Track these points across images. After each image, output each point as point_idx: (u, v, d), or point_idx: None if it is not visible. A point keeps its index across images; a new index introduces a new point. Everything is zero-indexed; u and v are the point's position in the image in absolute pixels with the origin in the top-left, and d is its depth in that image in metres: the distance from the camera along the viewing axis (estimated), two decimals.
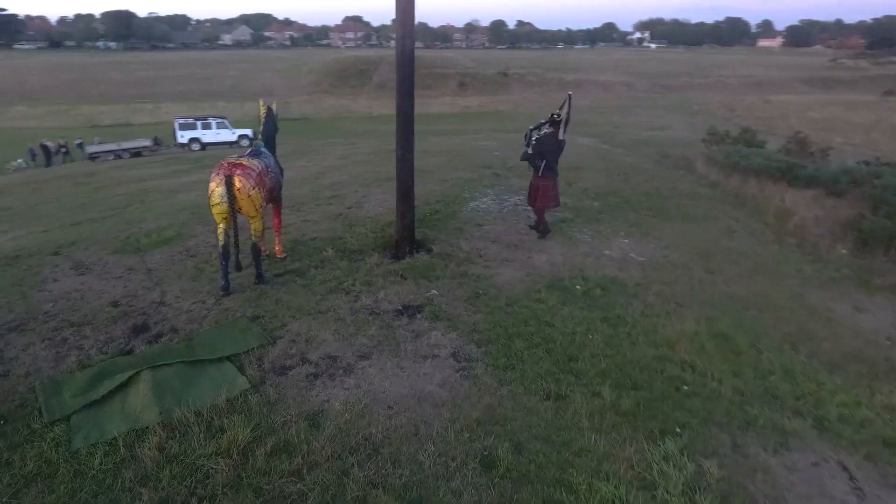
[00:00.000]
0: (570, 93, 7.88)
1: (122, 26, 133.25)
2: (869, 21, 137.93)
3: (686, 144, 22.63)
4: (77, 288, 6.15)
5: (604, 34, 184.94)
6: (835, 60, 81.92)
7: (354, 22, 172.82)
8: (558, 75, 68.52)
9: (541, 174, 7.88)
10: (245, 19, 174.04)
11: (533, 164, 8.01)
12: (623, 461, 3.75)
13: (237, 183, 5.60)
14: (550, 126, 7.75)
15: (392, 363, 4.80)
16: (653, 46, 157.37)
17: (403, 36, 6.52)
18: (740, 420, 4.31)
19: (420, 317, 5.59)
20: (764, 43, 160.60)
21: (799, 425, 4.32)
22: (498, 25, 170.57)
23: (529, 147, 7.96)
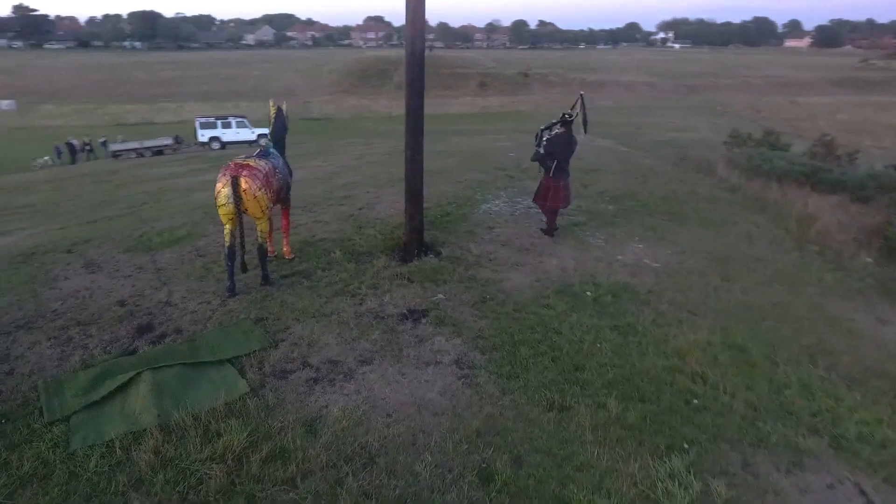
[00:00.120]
0: (582, 92, 7.80)
1: (149, 26, 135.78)
2: None
3: (708, 146, 22.21)
4: (87, 286, 6.20)
5: (627, 34, 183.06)
6: (865, 61, 79.79)
7: (376, 22, 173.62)
8: (580, 75, 67.97)
9: (552, 175, 7.75)
10: (268, 19, 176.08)
11: (544, 165, 7.88)
12: (626, 478, 3.61)
13: (243, 184, 5.58)
14: (562, 126, 7.62)
15: (393, 369, 4.72)
16: (677, 47, 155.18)
17: (414, 36, 6.45)
18: (752, 437, 4.13)
19: (425, 321, 5.50)
20: (791, 43, 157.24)
21: (814, 444, 4.12)
22: (519, 25, 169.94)
23: (540, 147, 7.84)
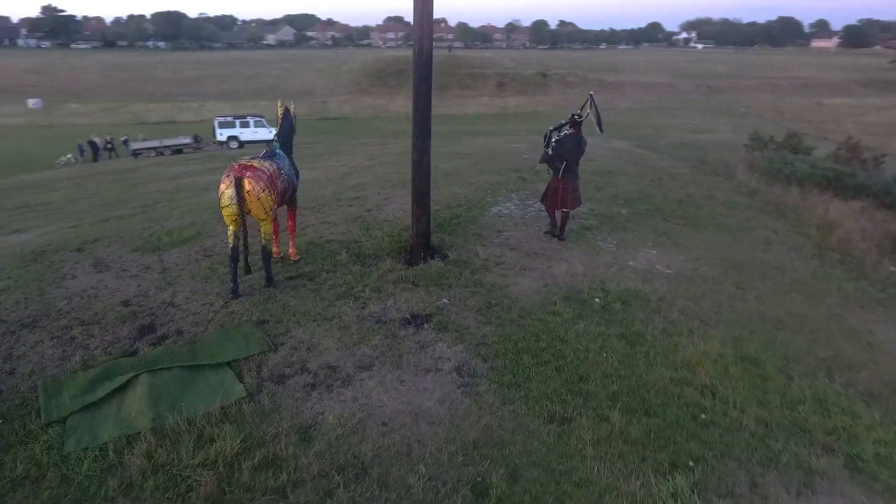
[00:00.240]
0: (592, 92, 7.68)
1: (172, 27, 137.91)
2: None
3: (728, 148, 21.75)
4: (93, 286, 6.22)
5: (648, 34, 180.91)
6: (895, 62, 77.58)
7: (395, 22, 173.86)
8: (599, 76, 67.34)
9: (560, 176, 7.61)
10: (289, 20, 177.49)
11: (552, 166, 7.74)
12: (626, 496, 3.48)
13: (247, 185, 5.55)
14: (571, 127, 7.48)
15: (392, 376, 4.64)
16: (699, 47, 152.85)
17: (422, 37, 6.36)
18: (762, 455, 3.95)
19: (427, 327, 5.41)
20: (818, 43, 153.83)
21: (828, 464, 3.93)
22: (539, 25, 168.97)
23: (549, 148, 7.71)
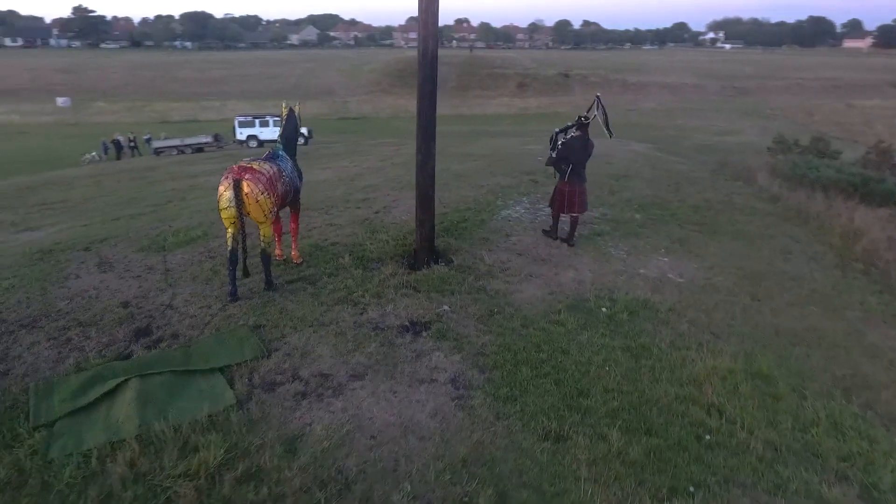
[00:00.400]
0: (598, 94, 7.49)
1: (199, 27, 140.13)
2: None
3: (752, 151, 21.20)
4: (95, 286, 6.22)
5: (674, 34, 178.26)
6: None
7: (417, 22, 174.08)
8: (622, 76, 66.56)
9: (567, 179, 7.42)
10: (312, 20, 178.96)
11: (559, 169, 7.55)
12: None
13: (245, 187, 5.48)
14: (578, 129, 7.29)
15: (385, 386, 4.51)
16: (727, 47, 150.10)
17: (426, 36, 6.26)
18: (769, 482, 3.72)
19: (425, 335, 5.27)
20: (851, 43, 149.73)
21: (841, 494, 3.68)
22: (562, 25, 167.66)
23: (554, 151, 7.52)
